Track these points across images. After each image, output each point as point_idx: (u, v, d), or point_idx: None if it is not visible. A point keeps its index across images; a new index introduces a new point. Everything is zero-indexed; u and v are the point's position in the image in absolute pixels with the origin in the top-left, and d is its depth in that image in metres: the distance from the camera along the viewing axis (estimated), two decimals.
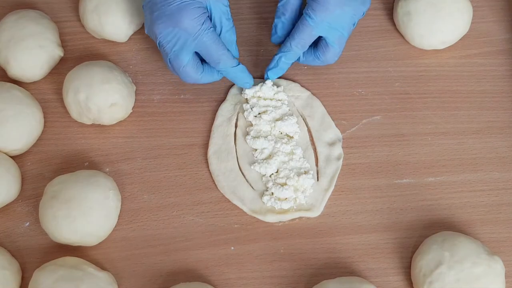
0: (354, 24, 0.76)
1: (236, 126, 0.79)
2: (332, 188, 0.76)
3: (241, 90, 0.81)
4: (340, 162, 0.77)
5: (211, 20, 0.75)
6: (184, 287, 0.70)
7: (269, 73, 0.79)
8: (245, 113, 0.79)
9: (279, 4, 0.77)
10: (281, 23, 0.78)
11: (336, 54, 0.77)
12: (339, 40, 0.76)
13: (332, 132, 0.79)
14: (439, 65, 0.83)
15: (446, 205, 0.76)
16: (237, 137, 0.78)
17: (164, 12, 0.72)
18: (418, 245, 0.73)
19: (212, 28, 0.73)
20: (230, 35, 0.77)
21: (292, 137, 0.78)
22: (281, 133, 0.78)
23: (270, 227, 0.75)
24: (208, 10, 0.74)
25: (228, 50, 0.75)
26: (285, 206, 0.74)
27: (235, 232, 0.75)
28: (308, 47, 0.77)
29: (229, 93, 0.82)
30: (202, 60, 0.76)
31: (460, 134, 0.79)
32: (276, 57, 0.78)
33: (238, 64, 0.76)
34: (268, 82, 0.80)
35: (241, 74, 0.77)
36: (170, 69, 0.76)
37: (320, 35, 0.75)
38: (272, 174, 0.76)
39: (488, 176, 0.77)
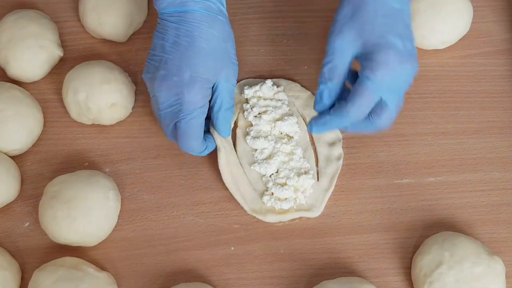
0: (410, 84, 0.68)
1: (236, 126, 0.79)
2: (332, 188, 0.76)
3: (241, 90, 0.81)
4: (340, 162, 0.77)
5: (213, 94, 0.72)
6: (184, 287, 0.70)
7: (314, 127, 0.71)
8: (245, 113, 0.79)
9: (324, 69, 0.68)
10: (327, 90, 0.68)
11: (392, 118, 0.69)
12: (398, 103, 0.68)
13: (332, 132, 0.79)
14: (439, 65, 0.83)
15: (446, 205, 0.76)
16: (237, 137, 0.78)
17: (170, 76, 0.69)
18: (418, 245, 0.73)
19: (204, 115, 0.71)
20: (228, 114, 0.74)
21: (292, 137, 0.78)
22: (281, 133, 0.78)
23: (270, 227, 0.75)
24: (214, 85, 0.71)
25: (202, 139, 0.73)
26: (285, 206, 0.74)
27: (235, 232, 0.75)
28: (367, 113, 0.68)
29: None
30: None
31: (460, 134, 0.79)
32: (327, 118, 0.69)
33: (204, 149, 0.74)
34: (268, 82, 0.80)
35: (201, 155, 0.75)
36: (154, 112, 0.74)
37: (380, 97, 0.67)
38: (272, 174, 0.76)
39: (488, 176, 0.77)
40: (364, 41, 0.66)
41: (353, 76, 0.69)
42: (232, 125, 0.77)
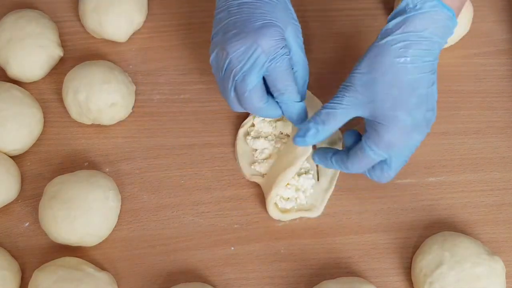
0: (416, 147, 0.67)
1: (241, 126, 0.79)
2: (333, 188, 0.76)
3: None
4: None
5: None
6: (184, 287, 0.70)
7: (297, 140, 0.68)
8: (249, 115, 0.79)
9: (323, 111, 0.67)
10: (315, 130, 0.67)
11: (392, 176, 0.68)
12: (401, 165, 0.68)
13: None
14: (439, 65, 0.82)
15: (446, 205, 0.76)
16: (238, 137, 0.78)
17: (243, 29, 0.67)
18: (418, 245, 0.73)
19: (288, 56, 0.68)
20: (304, 72, 0.71)
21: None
22: (282, 133, 0.78)
23: (270, 227, 0.75)
24: (287, 42, 0.70)
25: (295, 83, 0.69)
26: (288, 206, 0.74)
27: (235, 232, 0.75)
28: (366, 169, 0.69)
29: None
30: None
31: (461, 134, 0.79)
32: (329, 163, 0.70)
33: (301, 101, 0.70)
34: None
35: (298, 111, 0.70)
36: (227, 97, 0.70)
37: (382, 160, 0.67)
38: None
39: (489, 176, 0.77)
40: (373, 109, 0.65)
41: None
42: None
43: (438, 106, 0.80)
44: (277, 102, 0.70)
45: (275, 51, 0.67)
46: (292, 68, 0.70)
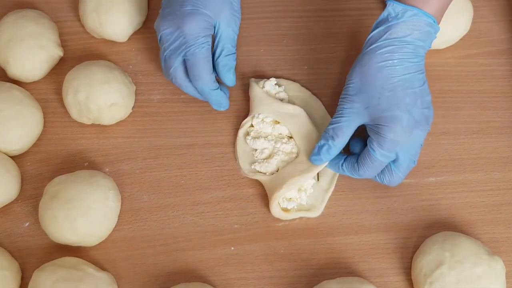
0: (421, 144, 0.70)
1: (241, 127, 0.79)
2: (333, 188, 0.76)
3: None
4: None
5: (215, 41, 0.75)
6: (184, 287, 0.70)
7: (313, 159, 0.73)
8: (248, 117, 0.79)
9: (330, 127, 0.71)
10: (327, 147, 0.71)
11: (402, 178, 0.71)
12: (409, 165, 0.70)
13: None
14: (439, 65, 0.83)
15: (446, 205, 0.76)
16: (238, 137, 0.78)
17: (174, 11, 0.73)
18: (418, 245, 0.73)
19: (208, 46, 0.73)
20: (229, 60, 0.76)
21: (291, 137, 0.78)
22: (281, 134, 0.78)
23: (270, 227, 0.75)
24: (215, 30, 0.74)
25: (212, 73, 0.74)
26: (289, 206, 0.74)
27: (235, 232, 0.75)
28: (377, 174, 0.71)
29: None
30: None
31: (461, 134, 0.79)
32: (341, 170, 0.73)
33: (217, 88, 0.76)
34: (272, 80, 0.80)
35: (217, 98, 0.76)
36: (162, 68, 0.76)
37: (390, 163, 0.70)
38: (273, 173, 0.76)
39: (489, 176, 0.77)
40: (371, 113, 0.68)
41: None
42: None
43: (438, 106, 0.81)
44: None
45: (195, 39, 0.72)
46: (219, 56, 0.75)
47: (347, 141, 0.71)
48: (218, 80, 0.78)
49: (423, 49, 0.69)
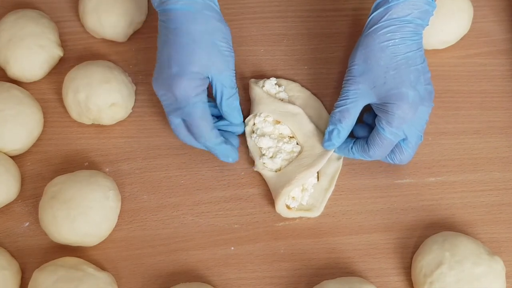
0: (426, 121, 0.72)
1: (246, 124, 0.79)
2: (333, 188, 0.76)
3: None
4: (340, 162, 0.77)
5: (212, 88, 0.73)
6: (184, 287, 0.70)
7: (326, 145, 0.74)
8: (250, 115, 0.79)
9: (336, 110, 0.72)
10: (336, 130, 0.72)
11: (411, 155, 0.73)
12: (417, 141, 0.72)
13: None
14: (439, 65, 0.83)
15: (446, 205, 0.76)
16: (246, 134, 0.78)
17: (163, 74, 0.71)
18: (418, 245, 0.73)
19: (203, 104, 0.71)
20: (232, 102, 0.74)
21: (292, 137, 0.78)
22: (281, 133, 0.78)
23: (270, 227, 0.75)
24: (210, 79, 0.72)
25: (213, 129, 0.72)
26: (292, 204, 0.74)
27: (235, 232, 0.75)
28: (387, 154, 0.73)
29: None
30: None
31: (461, 134, 0.79)
32: (351, 154, 0.74)
33: (222, 142, 0.74)
34: (272, 79, 0.80)
35: (222, 152, 0.74)
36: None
37: (399, 141, 0.71)
38: (277, 171, 0.76)
39: (489, 176, 0.77)
40: (378, 93, 0.69)
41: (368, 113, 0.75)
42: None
43: (438, 106, 0.81)
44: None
45: (186, 100, 0.70)
46: (220, 101, 0.73)
47: (354, 122, 0.72)
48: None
49: (422, 27, 0.70)
